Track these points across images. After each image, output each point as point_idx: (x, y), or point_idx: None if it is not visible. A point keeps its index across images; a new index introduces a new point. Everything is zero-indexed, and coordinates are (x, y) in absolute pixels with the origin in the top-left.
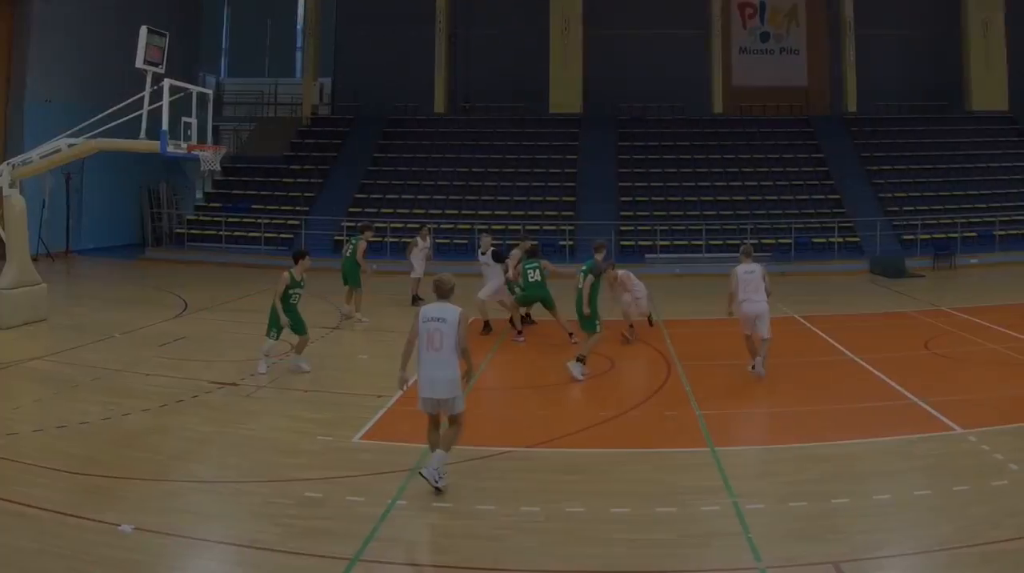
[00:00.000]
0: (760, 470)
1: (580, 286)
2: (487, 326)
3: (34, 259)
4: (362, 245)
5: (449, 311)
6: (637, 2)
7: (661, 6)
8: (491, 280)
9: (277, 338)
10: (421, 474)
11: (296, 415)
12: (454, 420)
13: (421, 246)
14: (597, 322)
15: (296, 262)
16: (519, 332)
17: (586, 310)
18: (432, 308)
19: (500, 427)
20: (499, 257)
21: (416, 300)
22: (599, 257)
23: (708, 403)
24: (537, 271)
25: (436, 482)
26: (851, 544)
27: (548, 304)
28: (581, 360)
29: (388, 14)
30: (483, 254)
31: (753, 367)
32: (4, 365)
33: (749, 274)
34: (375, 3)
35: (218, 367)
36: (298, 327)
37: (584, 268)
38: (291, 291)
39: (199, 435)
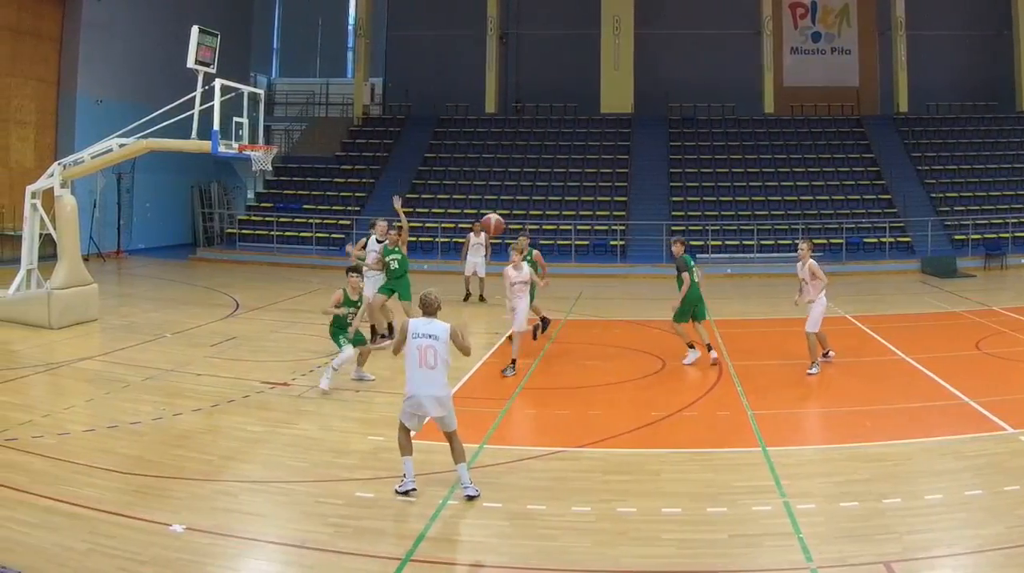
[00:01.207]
0: (811, 470)
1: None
2: (543, 324)
3: (85, 259)
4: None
5: (439, 328)
6: (688, 2)
7: (712, 6)
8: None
9: (350, 344)
10: (468, 497)
11: (347, 415)
12: (451, 436)
13: (474, 242)
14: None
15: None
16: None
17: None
18: (421, 323)
19: (551, 427)
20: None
21: (470, 296)
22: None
23: (759, 403)
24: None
25: (476, 492)
26: (902, 544)
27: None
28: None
29: (439, 14)
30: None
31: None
32: (56, 365)
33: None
34: (426, 3)
35: (269, 367)
36: (357, 338)
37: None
38: (347, 311)
39: (250, 435)
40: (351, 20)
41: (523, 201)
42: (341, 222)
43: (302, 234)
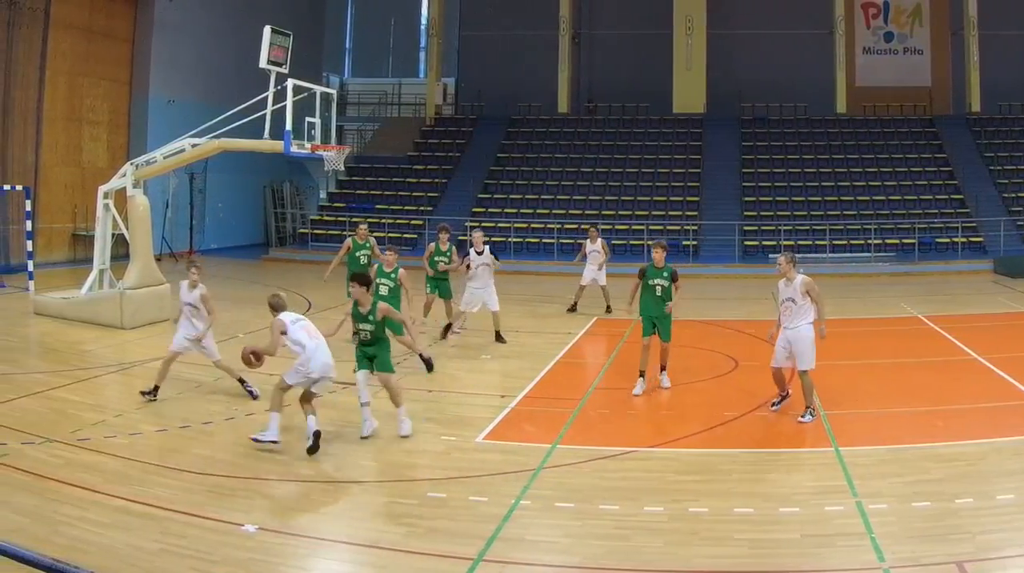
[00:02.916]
0: (884, 470)
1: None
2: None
3: (158, 259)
4: (347, 243)
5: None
6: (760, 2)
7: (784, 6)
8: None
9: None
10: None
11: (419, 415)
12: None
13: (590, 249)
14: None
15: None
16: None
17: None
18: (289, 316)
19: (623, 427)
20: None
21: (575, 308)
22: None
23: (832, 403)
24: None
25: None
26: (975, 544)
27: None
28: None
29: (511, 14)
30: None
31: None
32: (128, 365)
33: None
34: (499, 3)
35: (341, 367)
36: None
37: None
38: (360, 327)
39: (323, 435)
40: (423, 20)
41: (595, 201)
42: (413, 222)
43: (374, 234)
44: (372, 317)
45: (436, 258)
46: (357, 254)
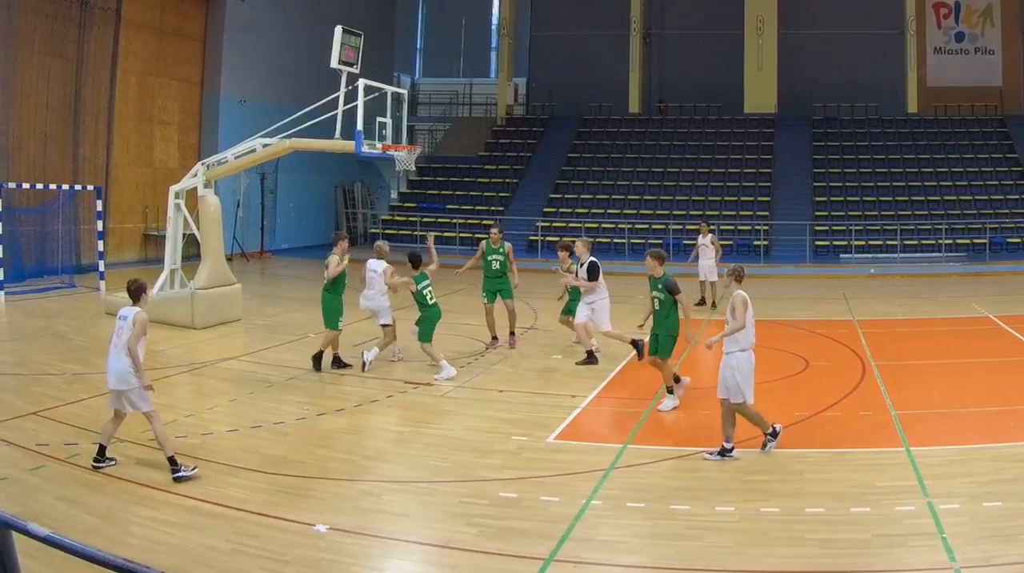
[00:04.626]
0: (955, 470)
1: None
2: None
3: (229, 259)
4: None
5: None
6: (831, 2)
7: (855, 6)
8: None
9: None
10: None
11: (490, 415)
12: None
13: (700, 243)
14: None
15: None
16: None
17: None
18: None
19: (694, 427)
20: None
21: (704, 302)
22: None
23: (903, 403)
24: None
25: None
26: None
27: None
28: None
29: (582, 14)
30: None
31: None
32: (199, 365)
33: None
34: (570, 3)
35: (412, 367)
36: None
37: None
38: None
39: (393, 435)
40: (495, 20)
41: (666, 201)
42: (485, 222)
43: (446, 234)
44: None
45: (489, 257)
46: (490, 258)
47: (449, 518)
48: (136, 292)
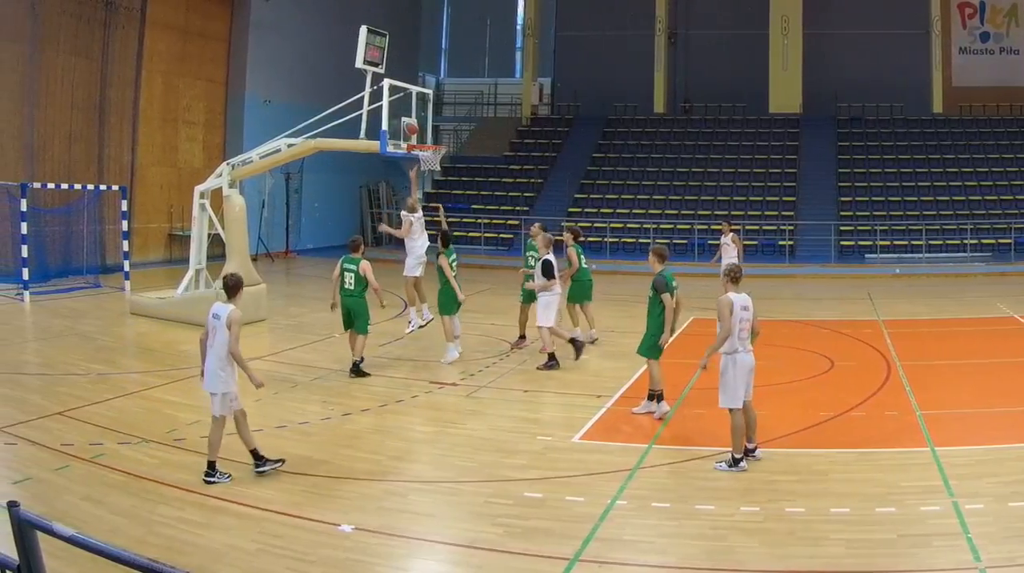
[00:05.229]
0: (980, 470)
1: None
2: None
3: (254, 259)
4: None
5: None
6: (856, 2)
7: (880, 6)
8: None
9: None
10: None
11: (515, 415)
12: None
13: (723, 242)
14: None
15: None
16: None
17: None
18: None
19: (718, 428)
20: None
21: None
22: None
23: (928, 403)
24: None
25: None
26: None
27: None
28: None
29: (608, 14)
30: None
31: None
32: None
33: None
34: (595, 3)
35: (437, 367)
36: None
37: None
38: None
39: (419, 435)
40: (520, 20)
41: (691, 201)
42: (510, 222)
43: (470, 234)
44: None
45: (529, 254)
46: (527, 254)
47: (474, 518)
48: (233, 288)
